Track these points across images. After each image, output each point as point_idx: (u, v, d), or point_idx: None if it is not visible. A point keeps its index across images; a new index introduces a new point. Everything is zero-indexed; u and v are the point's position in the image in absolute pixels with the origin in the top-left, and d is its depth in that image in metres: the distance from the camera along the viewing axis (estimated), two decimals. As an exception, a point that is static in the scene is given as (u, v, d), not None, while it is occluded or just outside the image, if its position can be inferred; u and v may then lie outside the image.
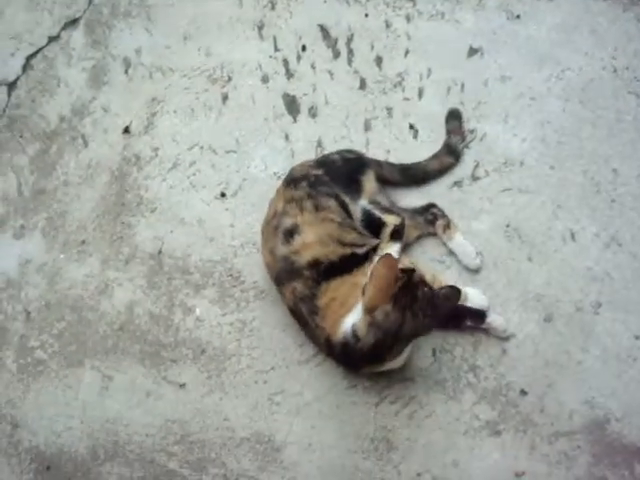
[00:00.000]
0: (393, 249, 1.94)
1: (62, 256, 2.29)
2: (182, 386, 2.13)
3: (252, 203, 2.23)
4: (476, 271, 2.05)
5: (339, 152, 2.13)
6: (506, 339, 2.00)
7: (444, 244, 2.07)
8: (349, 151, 2.15)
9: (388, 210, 2.02)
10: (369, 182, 2.04)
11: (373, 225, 1.98)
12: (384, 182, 2.10)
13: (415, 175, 2.14)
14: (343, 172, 2.03)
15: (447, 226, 2.06)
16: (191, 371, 2.13)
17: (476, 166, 2.15)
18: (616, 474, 1.91)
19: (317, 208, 1.93)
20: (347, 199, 1.98)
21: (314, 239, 1.90)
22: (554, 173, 2.12)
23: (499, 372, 2.00)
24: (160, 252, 2.24)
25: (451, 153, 2.15)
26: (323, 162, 2.08)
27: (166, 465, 2.09)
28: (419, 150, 2.18)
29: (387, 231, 1.97)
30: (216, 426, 2.09)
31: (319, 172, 2.01)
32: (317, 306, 1.87)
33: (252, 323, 2.14)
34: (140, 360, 2.17)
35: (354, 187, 2.01)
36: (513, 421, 1.97)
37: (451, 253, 2.07)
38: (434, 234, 2.08)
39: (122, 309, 2.22)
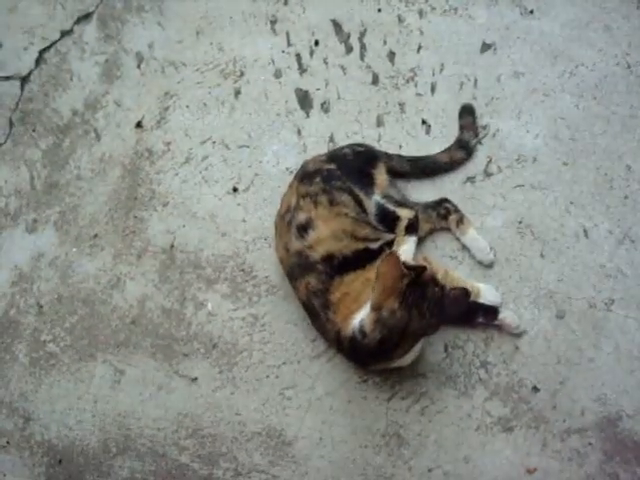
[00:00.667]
0: (409, 243, 1.95)
1: (74, 250, 2.30)
2: (194, 380, 2.13)
3: (264, 198, 2.23)
4: (489, 266, 2.05)
5: (349, 146, 2.13)
6: (518, 335, 2.00)
7: (457, 239, 2.07)
8: (359, 145, 2.15)
9: (401, 204, 2.02)
10: (380, 175, 2.04)
11: (387, 219, 1.98)
12: (394, 174, 2.10)
13: (424, 166, 2.14)
14: (355, 166, 2.03)
15: (460, 221, 2.05)
16: (203, 365, 2.14)
17: (489, 162, 2.15)
18: (628, 471, 1.91)
19: (331, 203, 1.93)
20: (361, 194, 1.97)
21: (328, 234, 1.90)
22: (567, 169, 2.12)
23: (511, 368, 2.00)
24: (172, 246, 2.24)
25: (463, 148, 2.14)
26: (335, 156, 2.08)
27: (177, 459, 2.10)
28: (431, 146, 2.18)
29: (402, 225, 1.97)
30: (227, 420, 2.09)
31: (331, 166, 2.01)
32: (330, 300, 1.88)
33: (264, 318, 2.14)
34: (152, 354, 2.17)
35: (366, 181, 2.01)
36: (525, 418, 1.97)
37: (463, 248, 2.07)
38: (447, 229, 2.08)
39: (134, 303, 2.22)
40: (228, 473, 2.06)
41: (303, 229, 1.92)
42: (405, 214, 1.98)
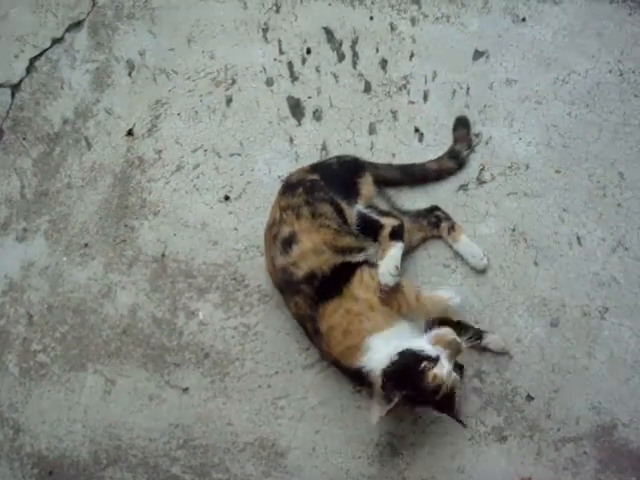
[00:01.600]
0: (395, 248, 1.89)
1: (65, 259, 2.28)
2: (185, 390, 2.12)
3: (256, 206, 2.22)
4: (483, 272, 2.04)
5: (336, 156, 2.13)
6: (510, 348, 1.99)
7: (449, 247, 2.06)
8: (346, 155, 2.14)
9: (385, 213, 1.98)
10: (367, 185, 2.02)
11: (369, 227, 1.94)
12: (385, 183, 2.09)
13: (413, 173, 2.13)
14: (339, 175, 2.02)
15: (452, 228, 2.04)
16: (194, 375, 2.12)
17: (482, 170, 2.14)
18: (623, 480, 1.91)
19: (314, 215, 1.91)
20: (343, 203, 1.95)
21: (310, 247, 1.88)
22: (560, 177, 2.11)
23: (505, 377, 1.98)
24: (163, 255, 2.23)
25: (454, 158, 2.13)
26: (319, 166, 2.07)
27: (169, 470, 2.08)
28: (424, 154, 2.17)
29: (385, 232, 1.92)
30: (219, 431, 2.07)
31: (314, 177, 1.99)
32: (319, 329, 1.88)
33: (256, 327, 2.13)
34: (143, 364, 2.16)
35: (350, 190, 1.98)
36: (519, 427, 1.95)
37: (456, 256, 2.06)
38: (438, 237, 2.07)
39: (125, 312, 2.21)
40: (220, 484, 2.05)
41: (287, 244, 1.90)
42: (389, 222, 1.93)
